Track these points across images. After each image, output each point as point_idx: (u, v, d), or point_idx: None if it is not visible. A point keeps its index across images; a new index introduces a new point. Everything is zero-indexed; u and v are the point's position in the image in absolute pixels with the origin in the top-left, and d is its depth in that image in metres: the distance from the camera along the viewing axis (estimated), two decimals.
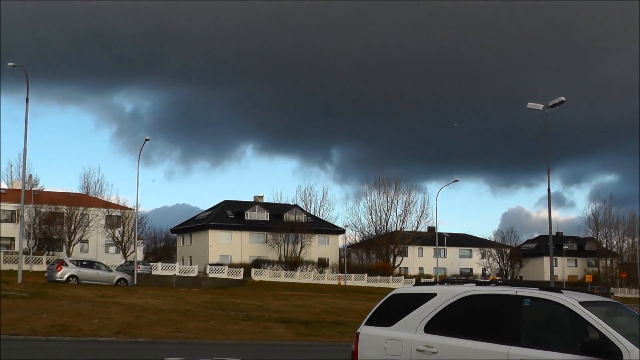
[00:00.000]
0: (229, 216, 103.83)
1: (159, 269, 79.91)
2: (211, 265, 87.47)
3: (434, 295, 9.63)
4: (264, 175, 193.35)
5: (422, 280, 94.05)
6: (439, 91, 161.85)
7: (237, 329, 27.47)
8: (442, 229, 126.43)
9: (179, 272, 79.88)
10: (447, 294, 9.51)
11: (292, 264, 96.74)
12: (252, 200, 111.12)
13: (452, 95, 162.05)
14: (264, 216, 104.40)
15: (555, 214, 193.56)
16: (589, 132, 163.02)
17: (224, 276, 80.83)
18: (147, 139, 66.17)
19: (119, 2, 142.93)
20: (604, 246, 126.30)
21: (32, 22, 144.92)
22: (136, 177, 65.84)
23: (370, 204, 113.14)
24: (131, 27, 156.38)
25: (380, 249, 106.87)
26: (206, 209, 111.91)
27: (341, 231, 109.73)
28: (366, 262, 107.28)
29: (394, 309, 10.02)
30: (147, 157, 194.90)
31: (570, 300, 8.48)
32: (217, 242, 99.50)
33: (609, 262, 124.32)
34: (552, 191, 40.98)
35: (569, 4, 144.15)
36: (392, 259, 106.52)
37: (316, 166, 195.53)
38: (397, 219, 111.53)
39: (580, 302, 8.44)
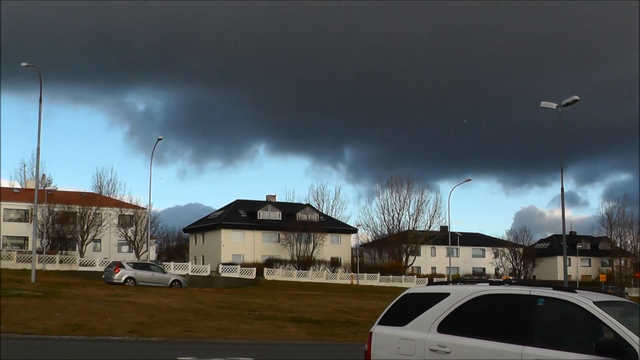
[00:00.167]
0: (242, 215, 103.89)
1: (172, 269, 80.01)
2: (224, 264, 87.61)
3: (447, 294, 9.59)
4: (277, 174, 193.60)
5: (435, 279, 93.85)
6: (451, 90, 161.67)
7: (249, 329, 27.45)
8: (455, 228, 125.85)
9: (192, 271, 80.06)
10: (461, 294, 9.47)
11: (305, 263, 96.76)
12: (264, 199, 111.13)
13: (465, 94, 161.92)
14: (277, 215, 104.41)
15: (568, 213, 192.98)
16: (603, 131, 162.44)
17: (236, 275, 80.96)
18: (159, 139, 66.42)
19: (131, 2, 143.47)
20: (618, 245, 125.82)
21: (46, 22, 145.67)
22: (149, 177, 66.07)
23: (382, 203, 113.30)
24: (144, 27, 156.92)
25: (392, 248, 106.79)
26: (219, 208, 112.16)
27: (354, 230, 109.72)
28: (379, 261, 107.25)
29: (407, 309, 9.99)
30: (160, 156, 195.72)
31: (584, 300, 8.43)
32: (229, 242, 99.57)
33: (623, 261, 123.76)
34: (565, 190, 40.92)
35: (582, 4, 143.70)
36: (404, 259, 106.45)
37: (328, 165, 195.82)
38: (410, 218, 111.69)
39: (594, 302, 8.38)
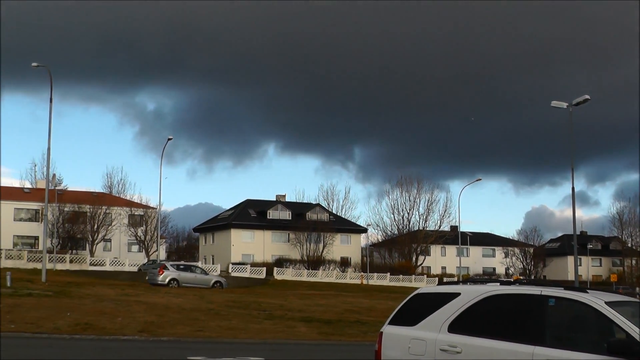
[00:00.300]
0: (252, 215, 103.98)
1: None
2: (233, 264, 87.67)
3: (457, 294, 9.57)
4: (286, 174, 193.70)
5: (445, 279, 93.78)
6: (462, 90, 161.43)
7: (259, 328, 27.47)
8: (465, 228, 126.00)
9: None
10: (471, 294, 9.44)
11: (315, 263, 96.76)
12: (274, 199, 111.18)
13: (475, 93, 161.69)
14: (286, 215, 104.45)
15: (579, 213, 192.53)
16: (614, 130, 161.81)
17: (246, 275, 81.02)
18: (169, 139, 66.55)
19: (142, 2, 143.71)
20: (629, 245, 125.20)
21: (56, 22, 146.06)
22: (159, 176, 66.20)
23: (392, 203, 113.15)
24: (154, 27, 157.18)
25: (402, 248, 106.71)
26: (228, 208, 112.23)
27: (363, 230, 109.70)
28: (388, 261, 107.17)
29: (417, 309, 9.97)
30: (170, 156, 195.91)
31: (596, 300, 8.39)
32: (239, 241, 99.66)
33: (634, 261, 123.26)
34: (576, 190, 40.77)
35: (593, 3, 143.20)
36: (414, 258, 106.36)
37: (338, 165, 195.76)
38: (420, 218, 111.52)
39: (606, 302, 8.35)
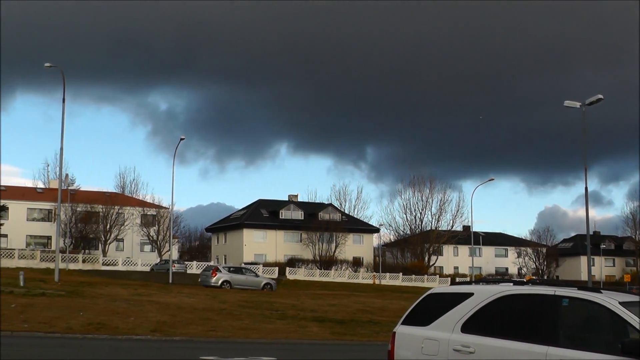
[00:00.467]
0: (264, 215, 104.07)
1: (194, 268, 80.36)
2: (246, 264, 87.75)
3: (470, 294, 9.53)
4: (299, 174, 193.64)
5: (457, 279, 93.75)
6: (474, 89, 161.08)
7: (272, 328, 27.48)
8: (478, 227, 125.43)
9: None
10: (484, 294, 9.41)
11: (327, 263, 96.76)
12: (286, 199, 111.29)
13: (488, 93, 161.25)
14: (299, 215, 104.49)
15: (592, 213, 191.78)
16: (627, 129, 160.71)
17: None
18: (182, 138, 66.56)
19: (153, 2, 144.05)
20: None
21: (68, 23, 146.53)
22: (171, 176, 66.38)
23: (405, 203, 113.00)
24: (166, 27, 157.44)
25: (415, 248, 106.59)
26: (241, 208, 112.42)
27: (376, 230, 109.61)
28: (401, 261, 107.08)
29: (430, 309, 9.95)
30: (182, 156, 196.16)
31: (610, 300, 8.34)
32: (251, 241, 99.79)
33: None
34: (589, 190, 40.72)
35: (606, 2, 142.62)
36: (427, 258, 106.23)
37: (351, 165, 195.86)
38: (432, 218, 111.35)
39: (620, 302, 8.29)
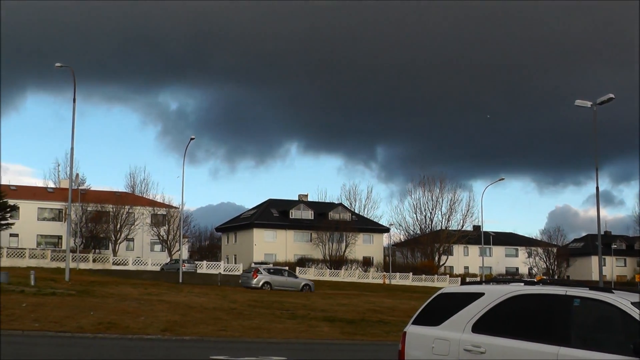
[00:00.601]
0: (274, 215, 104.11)
1: (204, 268, 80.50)
2: (256, 263, 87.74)
3: (481, 294, 9.51)
4: (309, 173, 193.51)
5: (468, 279, 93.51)
6: (485, 89, 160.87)
7: (282, 328, 27.49)
8: (488, 227, 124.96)
9: (224, 270, 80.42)
10: (495, 294, 9.38)
11: (337, 262, 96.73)
12: (296, 198, 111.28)
13: (498, 92, 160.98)
14: (309, 215, 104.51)
15: (603, 213, 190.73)
16: (639, 129, 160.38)
17: None
18: (192, 138, 66.69)
19: (164, 2, 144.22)
20: None
21: (79, 22, 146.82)
22: (181, 176, 66.44)
23: (415, 203, 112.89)
24: (176, 27, 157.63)
25: (425, 247, 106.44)
26: (251, 207, 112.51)
27: (386, 230, 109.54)
28: (411, 261, 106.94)
29: (441, 309, 9.92)
30: (192, 155, 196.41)
31: (622, 300, 8.30)
32: (261, 241, 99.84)
33: None
34: (600, 189, 40.49)
35: (619, 2, 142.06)
36: (437, 258, 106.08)
37: (361, 164, 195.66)
38: (442, 218, 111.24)
39: (632, 303, 8.25)
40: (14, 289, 34.69)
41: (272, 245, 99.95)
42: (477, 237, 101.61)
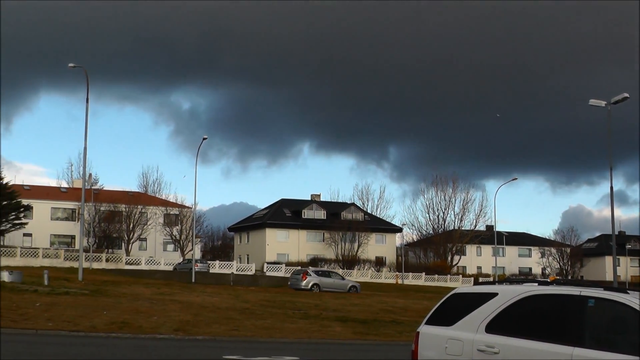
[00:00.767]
0: (286, 215, 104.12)
1: (217, 267, 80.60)
2: (268, 263, 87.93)
3: (495, 294, 9.45)
4: (321, 173, 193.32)
5: (480, 279, 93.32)
6: (498, 88, 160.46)
7: (294, 328, 27.47)
8: (501, 227, 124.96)
9: (237, 270, 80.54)
10: (509, 294, 9.32)
11: (349, 262, 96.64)
12: (309, 198, 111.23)
13: (512, 92, 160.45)
14: (321, 215, 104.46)
15: (617, 213, 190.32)
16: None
17: (281, 274, 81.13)
18: (204, 138, 66.78)
19: (176, 2, 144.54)
20: None
21: (92, 23, 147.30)
22: (194, 175, 66.58)
23: (427, 203, 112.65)
24: (189, 27, 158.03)
25: (437, 247, 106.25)
26: (263, 207, 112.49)
27: (398, 230, 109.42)
28: (424, 260, 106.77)
29: (454, 309, 9.87)
30: (205, 155, 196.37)
31: (637, 301, 8.24)
32: (274, 241, 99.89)
33: None
34: (614, 189, 40.35)
35: (633, 2, 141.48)
36: (449, 258, 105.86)
37: (373, 164, 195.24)
38: (455, 218, 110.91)
39: None
40: (27, 289, 34.81)
41: (285, 245, 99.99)
42: (490, 237, 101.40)
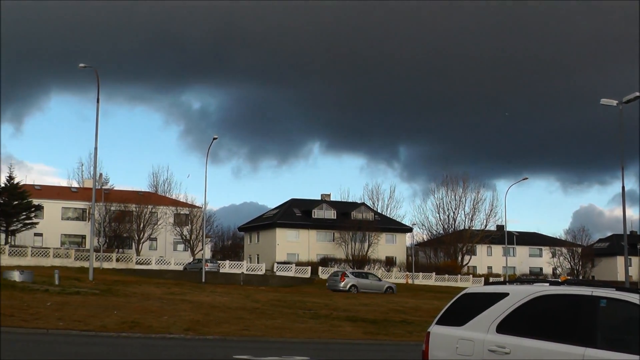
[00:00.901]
0: (296, 214, 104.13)
1: (227, 267, 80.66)
2: (278, 263, 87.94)
3: (506, 294, 9.42)
4: (331, 173, 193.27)
5: (491, 279, 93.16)
6: (508, 88, 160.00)
7: (304, 327, 27.46)
8: (512, 227, 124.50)
9: (247, 270, 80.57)
10: (520, 294, 9.28)
11: (360, 262, 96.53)
12: (319, 198, 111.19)
13: (523, 91, 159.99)
14: (331, 214, 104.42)
15: (629, 212, 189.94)
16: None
17: (291, 274, 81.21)
18: (215, 138, 66.89)
19: (187, 2, 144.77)
20: None
21: (103, 23, 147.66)
22: (204, 175, 66.71)
23: (438, 202, 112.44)
24: (199, 27, 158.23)
25: (448, 247, 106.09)
26: (273, 207, 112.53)
27: (409, 229, 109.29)
28: (434, 260, 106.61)
29: (465, 309, 9.84)
30: (215, 154, 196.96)
31: None
32: (284, 241, 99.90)
33: None
34: (626, 189, 40.12)
35: None
36: (460, 258, 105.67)
37: (383, 164, 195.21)
38: (466, 217, 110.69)
39: None
40: (38, 288, 34.90)
41: (295, 245, 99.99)
42: (500, 236, 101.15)
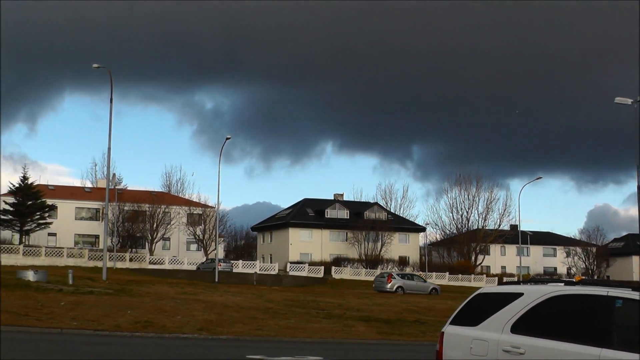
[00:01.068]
0: (309, 214, 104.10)
1: (240, 267, 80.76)
2: (291, 263, 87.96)
3: (520, 294, 9.35)
4: (344, 172, 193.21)
5: (505, 279, 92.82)
6: (523, 87, 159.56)
7: (318, 327, 27.43)
8: (525, 227, 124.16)
9: (260, 269, 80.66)
10: (534, 294, 9.22)
11: (373, 262, 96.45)
12: (332, 198, 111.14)
13: (537, 90, 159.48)
14: (344, 214, 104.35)
15: None
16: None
17: (304, 274, 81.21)
18: (228, 138, 66.98)
19: (200, 2, 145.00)
20: None
21: (116, 24, 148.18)
22: (217, 175, 66.76)
23: (451, 202, 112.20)
24: (212, 27, 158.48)
25: (461, 247, 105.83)
26: (286, 207, 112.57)
27: (422, 229, 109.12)
28: (447, 260, 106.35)
29: (479, 309, 9.79)
30: (228, 154, 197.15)
31: None
32: (297, 240, 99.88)
33: None
34: None
35: None
36: (473, 258, 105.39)
37: (396, 163, 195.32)
38: (479, 217, 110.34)
39: None
40: (52, 288, 35.02)
41: (308, 244, 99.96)
42: (514, 236, 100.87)
